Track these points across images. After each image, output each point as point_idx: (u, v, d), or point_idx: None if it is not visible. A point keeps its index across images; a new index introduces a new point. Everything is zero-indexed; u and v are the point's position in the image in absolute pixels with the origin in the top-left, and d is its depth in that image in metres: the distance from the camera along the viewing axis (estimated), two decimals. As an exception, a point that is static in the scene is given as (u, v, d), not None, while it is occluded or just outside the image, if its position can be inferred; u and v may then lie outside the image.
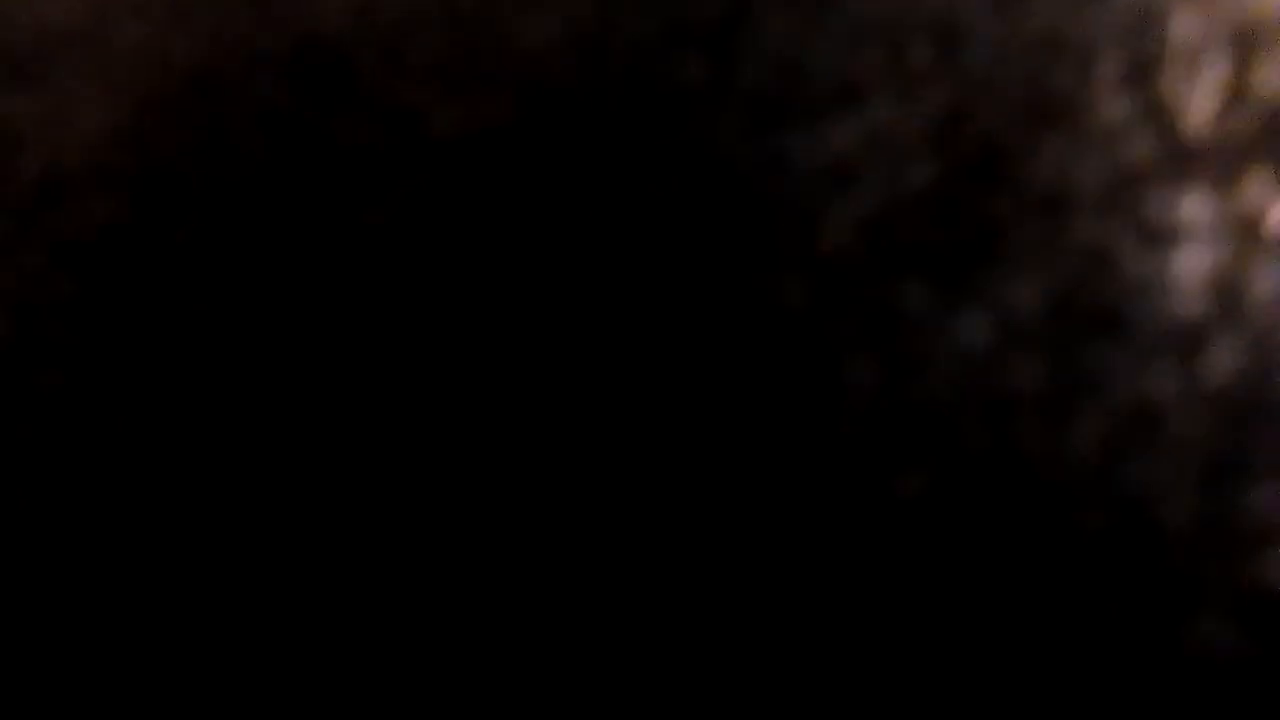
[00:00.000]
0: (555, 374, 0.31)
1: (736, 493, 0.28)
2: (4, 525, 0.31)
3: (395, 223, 0.35)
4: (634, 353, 0.31)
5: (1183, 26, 0.41)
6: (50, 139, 0.41)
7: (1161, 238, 0.32)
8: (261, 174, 0.38)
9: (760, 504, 0.28)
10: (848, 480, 0.28)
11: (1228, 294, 0.31)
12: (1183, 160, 0.35)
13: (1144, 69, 0.39)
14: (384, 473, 0.30)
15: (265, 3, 0.46)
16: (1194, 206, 0.34)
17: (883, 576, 0.26)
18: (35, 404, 0.33)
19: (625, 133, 0.36)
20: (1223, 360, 0.29)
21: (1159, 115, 0.37)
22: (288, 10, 0.45)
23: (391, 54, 0.41)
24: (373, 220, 0.36)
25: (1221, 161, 0.35)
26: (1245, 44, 0.40)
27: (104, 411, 0.33)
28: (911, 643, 0.25)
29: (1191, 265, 0.32)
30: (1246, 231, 0.33)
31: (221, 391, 0.33)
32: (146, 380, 0.33)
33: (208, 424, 0.32)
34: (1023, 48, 0.40)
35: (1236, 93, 0.38)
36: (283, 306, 0.34)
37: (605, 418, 0.30)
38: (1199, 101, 0.38)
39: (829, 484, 0.28)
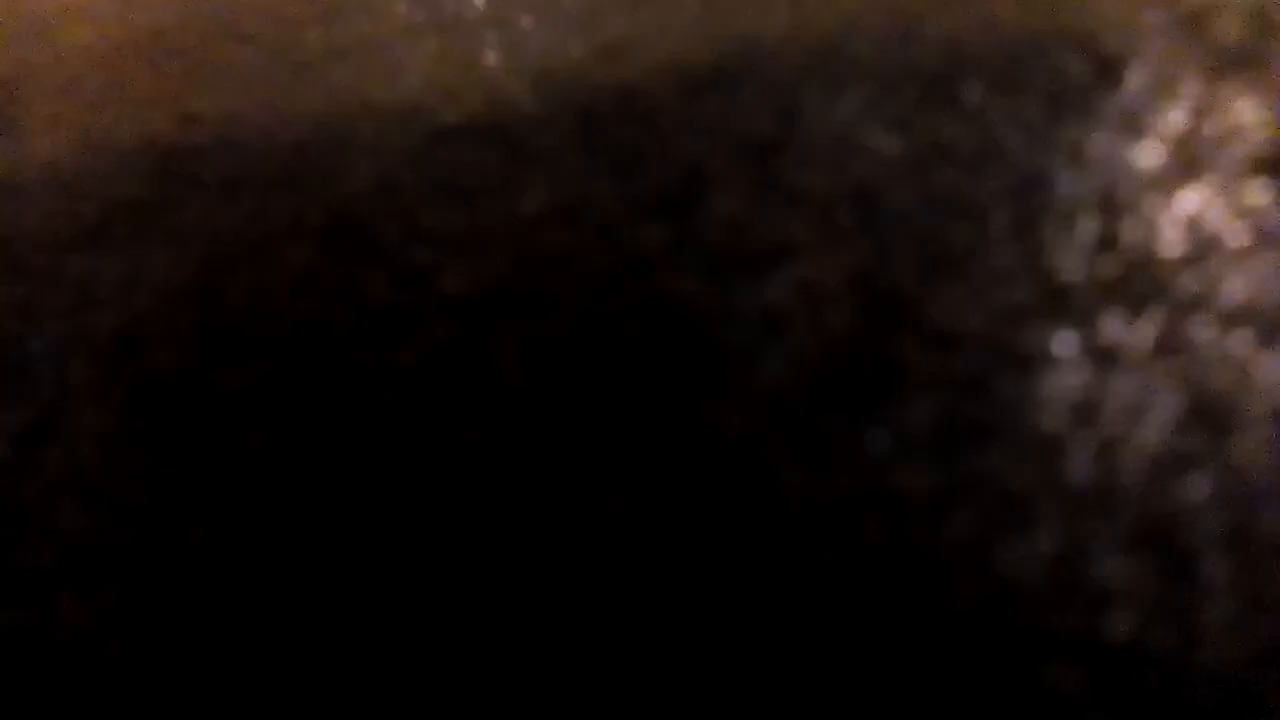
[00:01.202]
0: (546, 472, 0.39)
1: (698, 569, 0.36)
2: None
3: (417, 365, 0.43)
4: (610, 464, 0.39)
5: (1062, 188, 0.50)
6: (125, 296, 0.49)
7: (1033, 366, 0.40)
8: (303, 325, 0.46)
9: (716, 576, 0.36)
10: (779, 558, 0.36)
11: (1085, 410, 0.39)
12: (1055, 301, 0.43)
13: (1028, 224, 0.48)
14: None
15: (300, 179, 0.54)
16: (1062, 340, 0.42)
17: (807, 629, 0.34)
18: (121, 523, 0.40)
19: (600, 288, 0.44)
20: (1077, 462, 0.37)
21: (1038, 263, 0.46)
22: (320, 186, 0.53)
23: (408, 222, 0.50)
24: (398, 362, 0.43)
25: (1087, 302, 0.43)
26: (1113, 203, 0.49)
27: (179, 523, 0.40)
28: (831, 673, 0.32)
29: (1056, 388, 0.39)
30: (1104, 360, 0.41)
31: (272, 503, 0.40)
32: (212, 498, 0.41)
33: (263, 528, 0.39)
34: (927, 208, 0.48)
35: (1104, 244, 0.47)
36: (323, 435, 0.42)
37: (592, 513, 0.38)
38: (1072, 251, 0.46)
39: (765, 560, 0.36)
